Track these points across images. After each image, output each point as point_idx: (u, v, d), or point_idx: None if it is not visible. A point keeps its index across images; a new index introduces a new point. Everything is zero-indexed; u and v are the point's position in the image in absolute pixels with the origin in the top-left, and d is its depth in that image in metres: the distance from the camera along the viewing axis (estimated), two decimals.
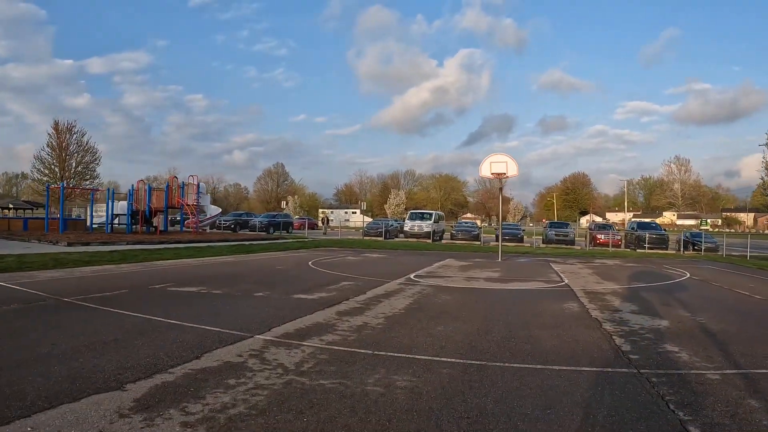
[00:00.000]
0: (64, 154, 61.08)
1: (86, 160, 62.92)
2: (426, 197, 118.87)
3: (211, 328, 6.34)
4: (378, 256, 21.46)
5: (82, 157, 62.47)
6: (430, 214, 36.54)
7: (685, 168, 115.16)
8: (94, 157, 63.42)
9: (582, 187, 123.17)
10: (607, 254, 25.98)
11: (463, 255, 22.85)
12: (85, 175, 62.51)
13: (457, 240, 33.65)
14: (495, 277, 14.00)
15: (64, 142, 60.99)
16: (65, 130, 61.16)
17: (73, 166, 62.01)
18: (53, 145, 60.65)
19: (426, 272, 14.79)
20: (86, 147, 62.52)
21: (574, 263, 19.70)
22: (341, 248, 25.75)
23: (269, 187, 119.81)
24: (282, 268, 15.12)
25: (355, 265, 16.86)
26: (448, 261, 19.17)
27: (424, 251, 25.09)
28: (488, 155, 19.60)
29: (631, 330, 6.97)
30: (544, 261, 20.43)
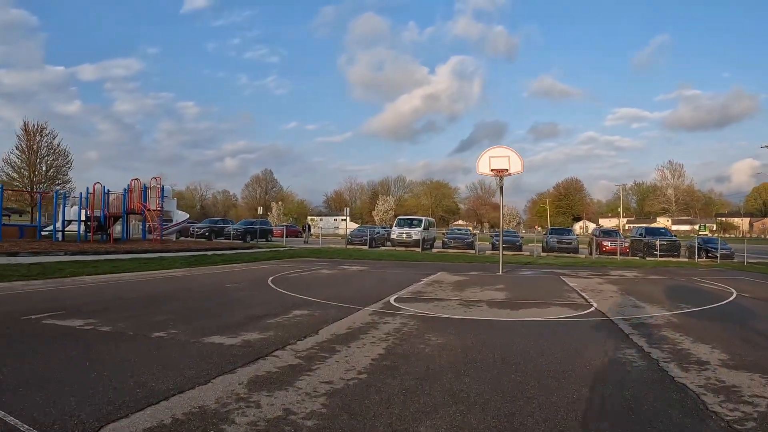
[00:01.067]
0: (35, 157, 57.39)
1: (58, 163, 59.21)
2: (416, 204, 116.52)
3: None
4: (358, 268, 18.32)
5: (53, 160, 58.78)
6: (420, 220, 33.43)
7: (679, 173, 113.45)
8: (66, 160, 59.71)
9: (575, 193, 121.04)
10: (619, 264, 22.97)
11: (457, 267, 19.73)
12: (56, 179, 58.81)
13: (449, 249, 30.51)
14: (500, 299, 10.85)
15: (34, 144, 57.27)
16: (35, 132, 57.44)
17: (44, 170, 58.28)
18: (22, 148, 56.89)
19: (411, 292, 11.63)
20: (57, 150, 58.81)
21: (589, 276, 16.67)
22: (318, 259, 22.62)
23: (257, 194, 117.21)
24: (231, 286, 11.97)
25: (325, 282, 13.73)
26: (439, 275, 16.05)
27: (412, 262, 21.99)
28: (487, 149, 16.53)
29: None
30: (552, 273, 17.37)
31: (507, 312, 8.98)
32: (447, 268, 18.75)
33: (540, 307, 9.69)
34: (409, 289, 12.31)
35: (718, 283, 15.05)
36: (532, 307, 9.58)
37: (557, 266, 21.07)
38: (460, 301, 10.22)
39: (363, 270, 17.75)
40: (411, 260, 22.94)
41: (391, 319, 8.00)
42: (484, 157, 16.36)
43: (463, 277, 15.48)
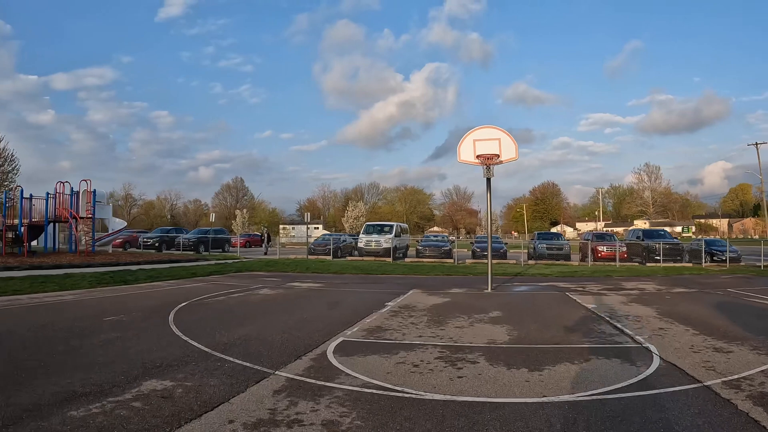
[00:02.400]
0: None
1: (3, 169, 54.29)
2: (391, 211, 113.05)
3: None
4: (310, 286, 14.53)
5: None
6: (390, 226, 29.62)
7: (656, 175, 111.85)
8: (12, 166, 54.88)
9: (552, 197, 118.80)
10: (622, 272, 19.50)
11: (433, 282, 15.99)
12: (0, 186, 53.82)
13: (424, 258, 26.70)
14: (503, 341, 7.08)
15: None
16: None
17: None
18: None
19: (367, 330, 7.85)
20: (3, 154, 53.95)
21: (602, 291, 13.11)
22: (269, 274, 18.76)
23: (228, 203, 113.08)
24: (111, 320, 8.27)
25: (253, 310, 9.85)
26: (411, 296, 12.30)
27: (380, 276, 18.25)
28: (471, 130, 12.82)
29: None
30: (553, 288, 13.80)
31: (524, 377, 5.19)
32: (421, 284, 15.00)
33: (572, 358, 5.93)
34: (367, 322, 8.51)
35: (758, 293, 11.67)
36: (561, 361, 5.81)
37: (554, 277, 17.48)
38: (442, 350, 6.41)
39: (315, 289, 13.93)
40: (378, 273, 19.15)
41: (311, 407, 4.16)
42: (467, 141, 12.67)
43: (443, 299, 11.74)
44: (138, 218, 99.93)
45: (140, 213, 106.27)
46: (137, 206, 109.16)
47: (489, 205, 13.21)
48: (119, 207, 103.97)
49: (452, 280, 16.78)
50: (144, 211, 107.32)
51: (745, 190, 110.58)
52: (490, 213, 13.35)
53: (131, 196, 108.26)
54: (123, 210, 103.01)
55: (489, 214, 13.44)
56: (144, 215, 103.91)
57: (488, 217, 13.40)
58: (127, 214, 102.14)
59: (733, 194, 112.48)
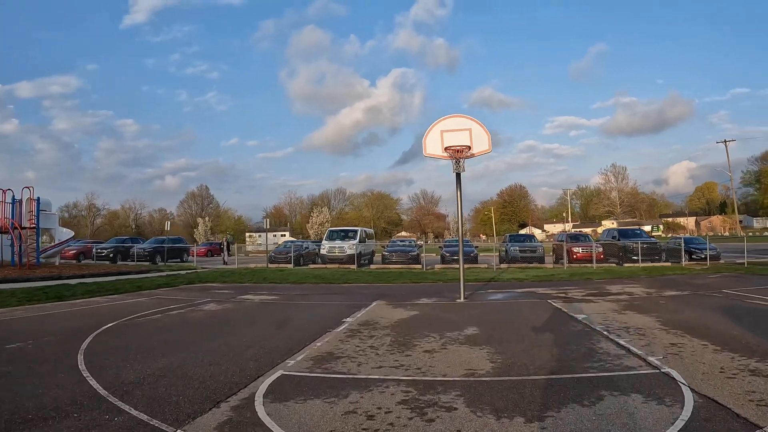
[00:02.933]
0: None
1: None
2: (358, 216, 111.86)
3: None
4: (263, 299, 12.98)
5: None
6: (354, 231, 27.99)
7: (622, 176, 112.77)
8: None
9: (520, 200, 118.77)
10: (601, 274, 18.31)
11: (400, 291, 14.49)
12: None
13: (390, 264, 25.17)
14: (486, 371, 5.58)
15: None
16: None
17: None
18: None
19: (316, 358, 6.32)
20: None
21: (587, 297, 11.84)
22: (222, 285, 17.09)
23: (193, 211, 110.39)
24: (13, 348, 7.02)
25: (184, 334, 8.22)
26: (373, 309, 10.77)
27: (342, 286, 16.69)
28: (439, 120, 11.39)
29: None
30: (533, 296, 12.46)
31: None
32: (387, 294, 13.48)
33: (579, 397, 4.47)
34: (317, 346, 6.95)
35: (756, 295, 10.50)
36: (566, 401, 4.34)
37: (531, 282, 16.16)
38: (407, 390, 4.87)
39: (268, 303, 12.34)
40: (341, 282, 17.58)
41: None
42: (434, 132, 11.22)
43: (410, 312, 10.23)
44: (102, 228, 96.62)
45: (104, 223, 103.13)
46: (101, 216, 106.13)
47: (459, 203, 11.73)
48: (83, 217, 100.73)
49: (421, 288, 15.32)
50: (108, 221, 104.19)
51: (711, 188, 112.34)
52: (460, 212, 11.86)
53: (94, 206, 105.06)
54: (86, 220, 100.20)
55: (460, 214, 11.92)
56: (108, 225, 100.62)
57: (459, 216, 11.94)
58: (91, 224, 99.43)
59: (699, 193, 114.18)
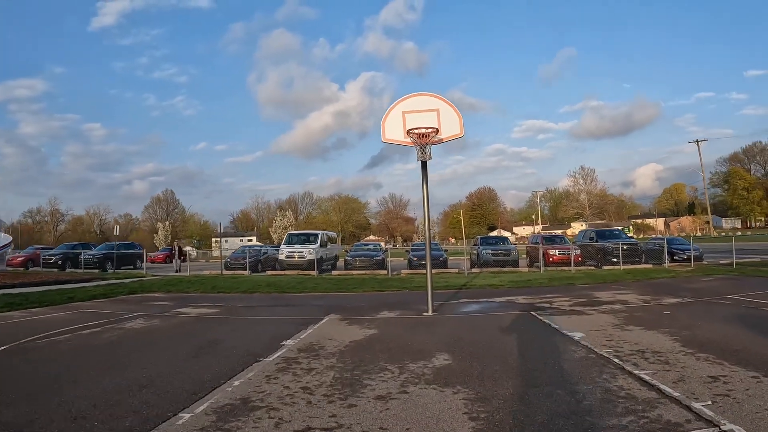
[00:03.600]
0: None
1: None
2: (325, 220, 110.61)
3: None
4: (199, 314, 10.99)
5: None
6: (315, 235, 25.88)
7: (591, 178, 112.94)
8: None
9: (489, 202, 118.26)
10: (582, 278, 16.70)
11: (360, 302, 12.57)
12: None
13: (354, 270, 23.17)
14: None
15: None
16: None
17: None
18: None
19: (221, 411, 4.35)
20: None
21: (577, 308, 10.11)
22: (165, 295, 15.15)
23: (158, 216, 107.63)
24: None
25: (75, 364, 6.21)
26: (324, 327, 8.86)
27: (297, 295, 14.74)
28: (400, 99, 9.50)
29: None
30: (513, 307, 10.68)
31: None
32: (344, 307, 11.54)
33: None
34: (232, 387, 5.02)
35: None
36: None
37: (508, 289, 14.42)
38: None
39: (203, 318, 10.32)
40: (296, 291, 15.57)
41: None
42: (395, 113, 9.32)
43: (367, 330, 8.31)
44: (65, 235, 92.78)
45: (68, 229, 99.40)
46: (65, 222, 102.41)
47: (426, 197, 9.78)
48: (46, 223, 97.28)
49: (384, 297, 13.39)
50: (72, 227, 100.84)
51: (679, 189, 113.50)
52: (427, 207, 9.87)
53: (58, 212, 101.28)
54: (49, 226, 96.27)
55: (426, 209, 9.90)
56: (71, 231, 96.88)
57: (425, 212, 10.01)
58: (54, 230, 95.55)
59: (668, 194, 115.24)
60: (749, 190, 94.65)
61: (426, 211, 9.84)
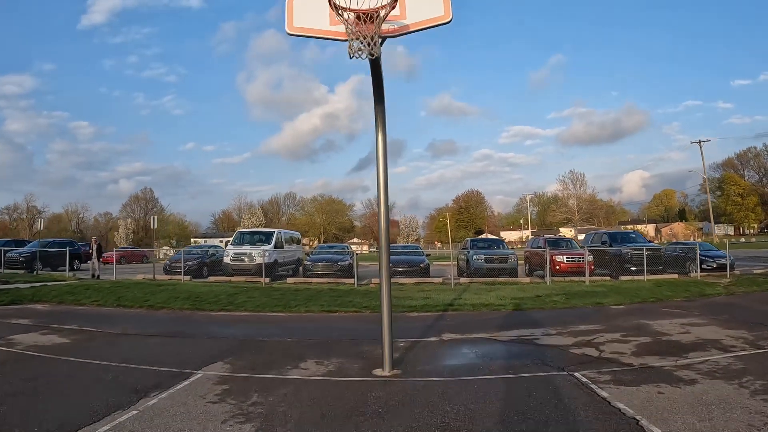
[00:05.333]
0: None
1: None
2: (309, 222, 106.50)
3: None
4: (31, 347, 6.52)
5: None
6: (269, 234, 21.13)
7: (581, 182, 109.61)
8: None
9: (476, 206, 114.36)
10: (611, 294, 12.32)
11: (284, 337, 8.10)
12: None
13: (314, 277, 18.50)
14: None
15: None
16: None
17: None
18: None
19: None
20: None
21: (657, 365, 5.57)
22: (47, 307, 11.33)
23: (136, 215, 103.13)
24: None
25: None
26: (158, 411, 4.27)
27: (215, 314, 10.71)
28: None
29: None
30: (535, 358, 6.12)
31: None
32: (254, 344, 7.14)
33: None
34: None
35: None
36: None
37: (512, 312, 10.01)
38: None
39: (24, 357, 5.78)
40: (216, 309, 11.28)
41: None
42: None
43: (240, 429, 3.75)
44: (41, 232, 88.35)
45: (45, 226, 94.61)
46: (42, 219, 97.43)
47: (380, 136, 5.22)
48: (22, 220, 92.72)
49: (329, 325, 8.92)
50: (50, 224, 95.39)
51: (670, 195, 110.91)
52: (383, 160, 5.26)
53: (35, 208, 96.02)
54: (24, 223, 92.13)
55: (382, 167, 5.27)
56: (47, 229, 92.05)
57: (380, 177, 5.40)
58: (29, 227, 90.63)
59: (658, 200, 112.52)
60: (744, 196, 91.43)
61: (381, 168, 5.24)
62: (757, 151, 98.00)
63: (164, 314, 10.89)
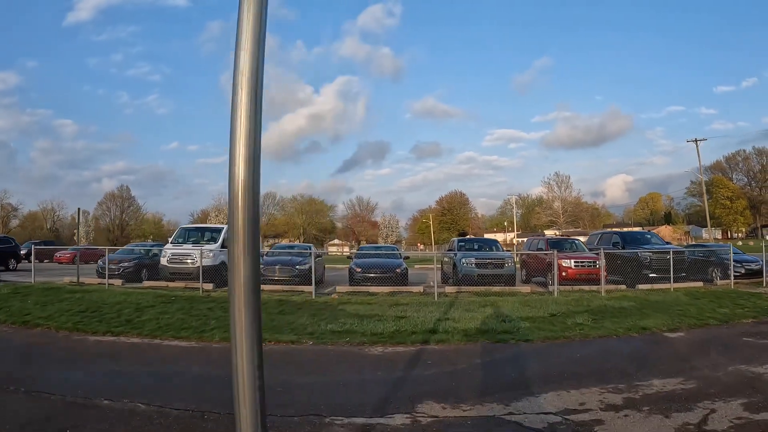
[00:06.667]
0: None
1: None
2: (287, 222, 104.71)
3: None
4: None
5: None
6: (216, 230, 17.73)
7: (566, 185, 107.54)
8: None
9: (459, 207, 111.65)
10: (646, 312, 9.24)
11: (122, 413, 4.79)
12: None
13: (268, 283, 15.03)
14: None
15: None
16: None
17: None
18: None
19: None
20: None
21: None
22: None
23: (111, 213, 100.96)
24: None
25: None
26: None
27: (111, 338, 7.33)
28: None
29: None
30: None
31: None
32: (75, 421, 3.62)
33: None
34: None
35: None
36: None
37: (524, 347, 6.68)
38: None
39: None
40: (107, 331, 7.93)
41: None
42: None
43: None
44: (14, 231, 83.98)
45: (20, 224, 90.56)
46: (17, 217, 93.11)
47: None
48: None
49: (229, 375, 5.52)
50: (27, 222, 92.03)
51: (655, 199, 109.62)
52: None
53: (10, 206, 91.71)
54: None
55: None
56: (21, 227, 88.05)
57: None
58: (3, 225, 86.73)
59: (643, 203, 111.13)
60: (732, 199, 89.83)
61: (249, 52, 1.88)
62: (746, 155, 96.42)
63: (23, 337, 7.55)
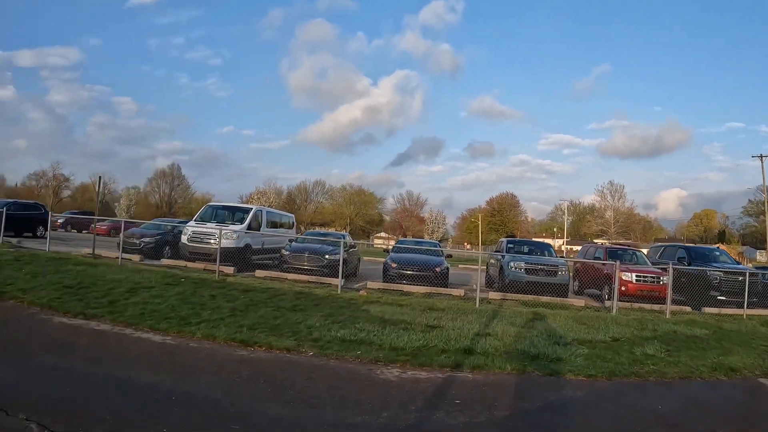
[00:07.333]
0: None
1: None
2: (335, 212, 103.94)
3: None
4: None
5: None
6: (245, 210, 16.72)
7: (620, 194, 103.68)
8: None
9: (510, 209, 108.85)
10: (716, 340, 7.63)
11: None
12: None
13: (290, 272, 13.95)
14: None
15: None
16: None
17: None
18: None
19: None
20: None
21: None
22: None
23: (161, 190, 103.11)
24: None
25: None
26: None
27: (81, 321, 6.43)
28: None
29: None
30: None
31: None
32: None
33: None
34: None
35: None
36: None
37: (584, 388, 5.36)
38: None
39: None
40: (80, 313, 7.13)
41: None
42: None
43: None
44: (64, 201, 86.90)
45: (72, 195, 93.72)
46: (69, 188, 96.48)
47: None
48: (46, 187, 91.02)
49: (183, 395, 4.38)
50: (76, 193, 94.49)
51: (710, 216, 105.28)
52: None
53: (62, 176, 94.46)
54: (49, 191, 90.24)
55: None
56: (72, 198, 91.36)
57: None
58: (54, 195, 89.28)
59: (697, 219, 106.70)
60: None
61: None
62: None
63: None
